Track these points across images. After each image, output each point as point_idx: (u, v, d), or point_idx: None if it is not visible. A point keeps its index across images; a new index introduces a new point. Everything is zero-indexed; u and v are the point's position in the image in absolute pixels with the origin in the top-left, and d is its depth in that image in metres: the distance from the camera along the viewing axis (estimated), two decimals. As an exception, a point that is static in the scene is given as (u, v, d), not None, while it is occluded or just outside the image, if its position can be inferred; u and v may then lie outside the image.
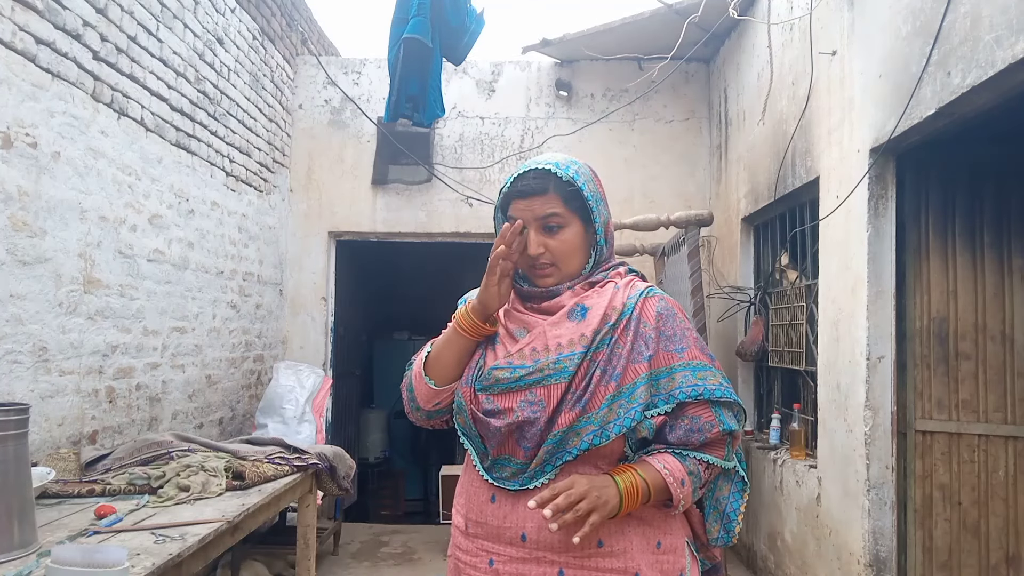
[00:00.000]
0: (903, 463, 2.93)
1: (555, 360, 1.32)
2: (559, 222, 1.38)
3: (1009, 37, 1.98)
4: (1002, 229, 2.92)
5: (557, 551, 1.31)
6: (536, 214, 1.38)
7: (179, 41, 3.73)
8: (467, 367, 1.42)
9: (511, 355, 1.37)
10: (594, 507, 1.21)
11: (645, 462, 1.33)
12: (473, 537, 1.40)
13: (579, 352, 1.32)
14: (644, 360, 1.33)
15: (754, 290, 4.54)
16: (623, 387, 1.31)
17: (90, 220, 3.03)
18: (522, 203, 1.39)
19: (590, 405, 1.30)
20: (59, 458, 2.71)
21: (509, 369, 1.34)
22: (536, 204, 1.37)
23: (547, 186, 1.38)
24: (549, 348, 1.34)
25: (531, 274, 1.43)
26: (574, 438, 1.29)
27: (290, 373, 4.77)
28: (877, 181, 2.89)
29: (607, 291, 1.40)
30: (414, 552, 4.74)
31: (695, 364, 1.35)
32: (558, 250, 1.39)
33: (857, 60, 3.00)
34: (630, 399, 1.31)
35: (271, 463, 2.97)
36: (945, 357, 2.94)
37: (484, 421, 1.34)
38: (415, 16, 4.12)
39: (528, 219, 1.38)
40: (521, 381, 1.33)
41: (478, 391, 1.37)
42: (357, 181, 5.57)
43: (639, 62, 5.36)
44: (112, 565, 1.55)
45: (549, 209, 1.37)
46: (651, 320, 1.37)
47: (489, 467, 1.37)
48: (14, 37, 2.57)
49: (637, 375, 1.32)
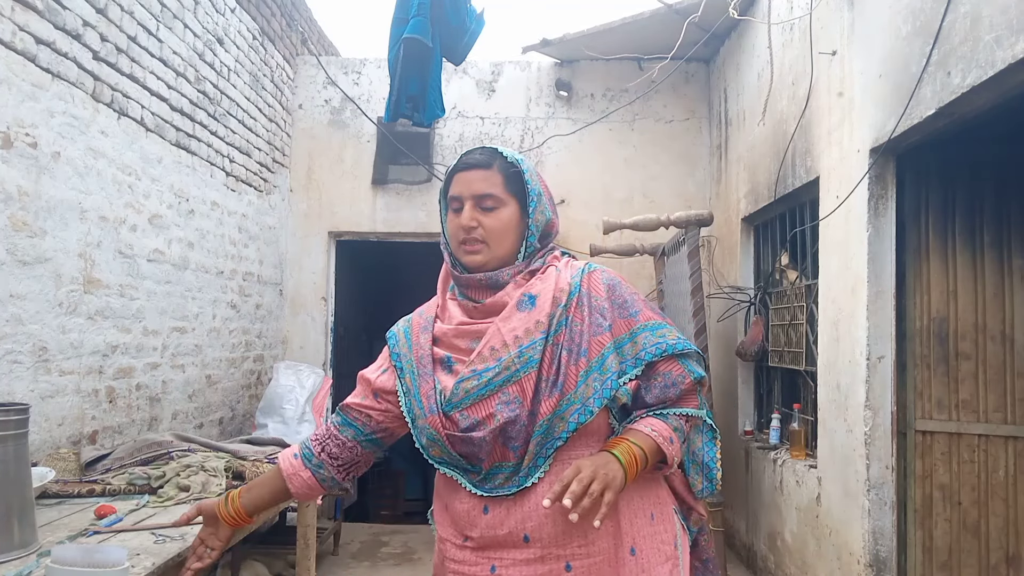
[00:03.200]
0: (903, 463, 2.93)
1: (518, 353, 1.30)
2: (495, 203, 1.38)
3: (1009, 37, 1.98)
4: (1002, 229, 2.92)
5: (561, 544, 1.29)
6: (474, 190, 1.38)
7: (179, 41, 3.73)
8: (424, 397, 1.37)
9: (472, 363, 1.33)
10: (606, 485, 1.19)
11: (632, 430, 1.33)
12: (471, 549, 1.35)
13: (539, 339, 1.31)
14: (606, 331, 1.34)
15: (754, 290, 4.54)
16: (592, 361, 1.31)
17: (90, 220, 3.03)
18: (464, 175, 1.39)
19: (566, 387, 1.29)
20: (59, 458, 2.71)
21: (475, 377, 1.31)
22: (477, 178, 1.38)
23: (491, 161, 1.40)
24: (507, 343, 1.32)
25: (459, 252, 1.41)
26: (559, 423, 1.28)
27: (290, 373, 4.77)
28: (877, 181, 2.89)
29: (550, 275, 1.39)
30: (414, 552, 4.74)
31: (652, 324, 1.37)
32: (490, 227, 1.38)
33: (857, 60, 3.00)
34: (602, 370, 1.31)
35: (271, 463, 2.97)
36: (945, 357, 2.94)
37: (466, 439, 1.30)
38: (415, 16, 4.12)
39: (466, 195, 1.39)
40: (491, 385, 1.30)
41: (449, 413, 1.32)
42: (357, 181, 5.57)
43: (639, 62, 5.36)
44: (112, 565, 1.55)
45: (488, 188, 1.38)
46: (601, 292, 1.37)
47: (481, 481, 1.33)
48: (14, 37, 2.57)
49: (603, 346, 1.32)
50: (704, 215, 3.84)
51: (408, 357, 1.43)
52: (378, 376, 1.49)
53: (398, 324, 1.52)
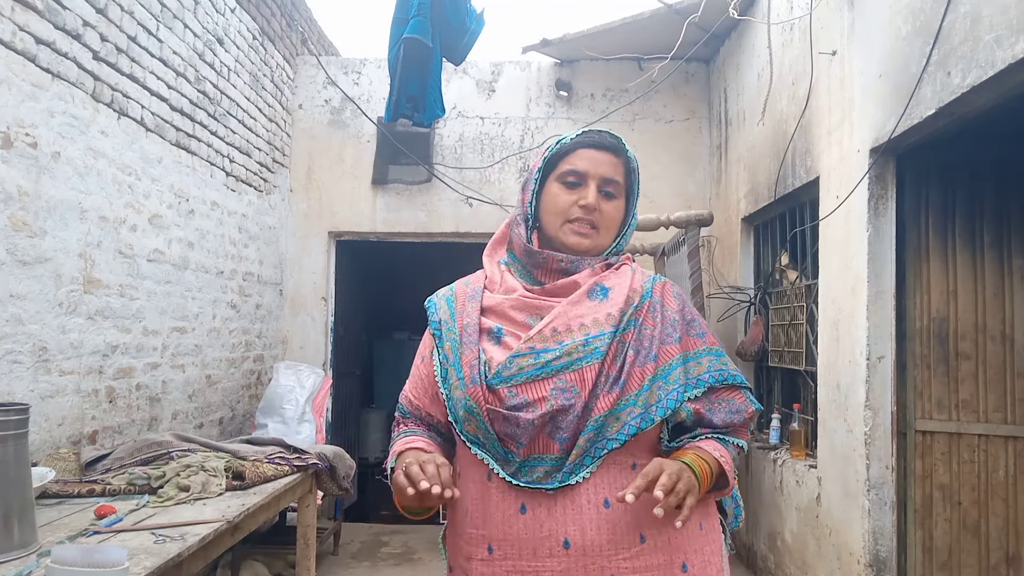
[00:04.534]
0: (903, 463, 2.93)
1: (584, 341, 1.23)
2: (616, 192, 1.33)
3: (1009, 37, 1.98)
4: (1002, 229, 2.92)
5: (607, 554, 1.19)
6: (602, 172, 1.31)
7: (179, 41, 3.73)
8: (465, 366, 1.26)
9: (531, 340, 1.24)
10: (689, 488, 1.12)
11: (700, 448, 1.26)
12: (500, 560, 1.22)
13: (608, 332, 1.24)
14: (675, 342, 1.28)
15: (754, 290, 4.54)
16: (660, 368, 1.25)
17: (90, 220, 3.02)
18: (592, 153, 1.32)
19: (628, 387, 1.21)
20: (59, 458, 2.71)
21: (532, 355, 1.22)
22: (607, 161, 1.32)
23: (621, 149, 1.34)
24: (572, 329, 1.25)
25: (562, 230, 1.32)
26: (614, 423, 1.20)
27: (290, 373, 4.77)
28: (877, 181, 2.89)
29: (625, 272, 1.34)
30: (414, 552, 4.74)
31: (715, 350, 1.33)
32: (607, 215, 1.32)
33: (857, 60, 3.00)
34: (668, 380, 1.24)
35: (271, 463, 2.97)
36: (945, 357, 2.94)
37: (510, 418, 1.20)
38: (415, 16, 4.12)
39: (592, 173, 1.31)
40: (548, 367, 1.21)
41: (495, 386, 1.22)
42: (357, 181, 5.57)
43: (639, 62, 5.36)
44: (112, 565, 1.55)
45: (615, 174, 1.32)
46: (673, 305, 1.33)
47: (515, 472, 1.22)
48: (14, 37, 2.57)
49: (671, 356, 1.26)
50: (704, 215, 3.84)
51: (450, 325, 1.34)
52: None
53: (438, 293, 1.44)
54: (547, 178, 1.35)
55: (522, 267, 1.36)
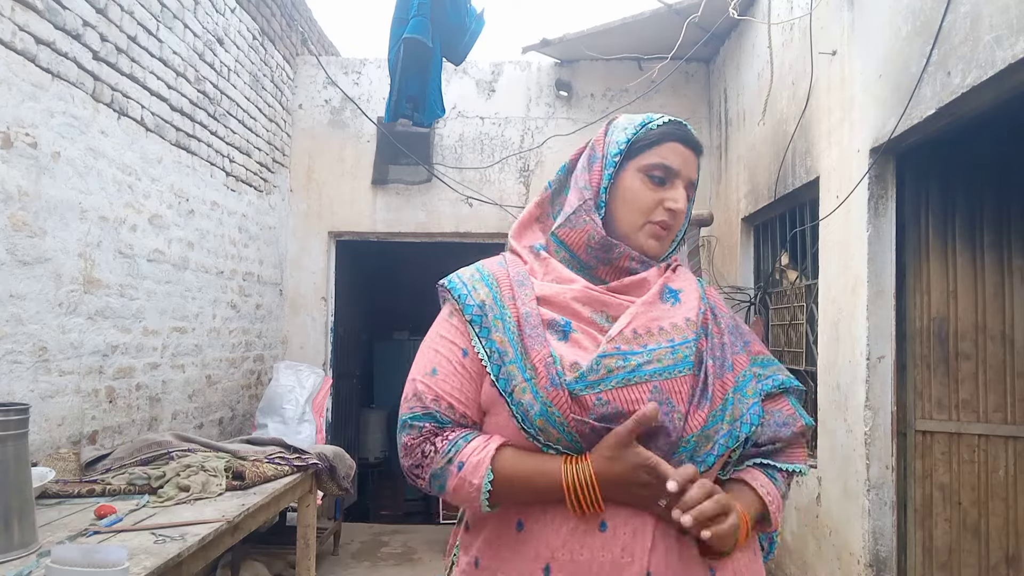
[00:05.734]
0: (903, 463, 2.93)
1: (670, 348, 1.07)
2: (692, 195, 1.21)
3: (1009, 37, 1.98)
4: (1002, 229, 2.92)
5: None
6: (690, 174, 1.18)
7: (179, 41, 3.73)
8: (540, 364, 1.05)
9: (614, 339, 1.07)
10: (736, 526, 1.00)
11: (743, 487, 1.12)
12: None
13: (692, 339, 1.09)
14: (741, 351, 1.16)
15: (754, 290, 4.54)
16: (738, 378, 1.12)
17: (90, 220, 3.02)
18: (683, 150, 1.17)
19: (714, 401, 1.07)
20: (59, 458, 2.71)
21: (621, 357, 1.05)
22: (693, 161, 1.19)
23: (702, 148, 1.22)
24: (653, 332, 1.09)
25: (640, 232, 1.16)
26: (704, 443, 1.05)
27: (290, 373, 4.77)
28: (877, 181, 2.89)
29: (686, 274, 1.22)
30: (414, 552, 4.74)
31: (767, 357, 1.23)
32: (681, 219, 1.18)
33: (857, 60, 3.00)
34: (745, 393, 1.11)
35: (271, 463, 2.97)
36: (945, 357, 2.94)
37: (601, 431, 1.03)
38: (415, 16, 4.12)
39: (683, 174, 1.17)
40: (640, 371, 1.04)
41: (579, 391, 1.03)
42: (357, 181, 5.57)
43: (639, 62, 5.36)
44: (112, 565, 1.55)
45: (696, 177, 1.20)
46: (725, 310, 1.21)
47: None
48: (14, 37, 2.57)
49: (743, 366, 1.14)
50: (704, 215, 3.85)
51: (498, 312, 1.11)
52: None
53: (464, 273, 1.20)
54: (623, 165, 1.18)
55: (576, 260, 1.18)
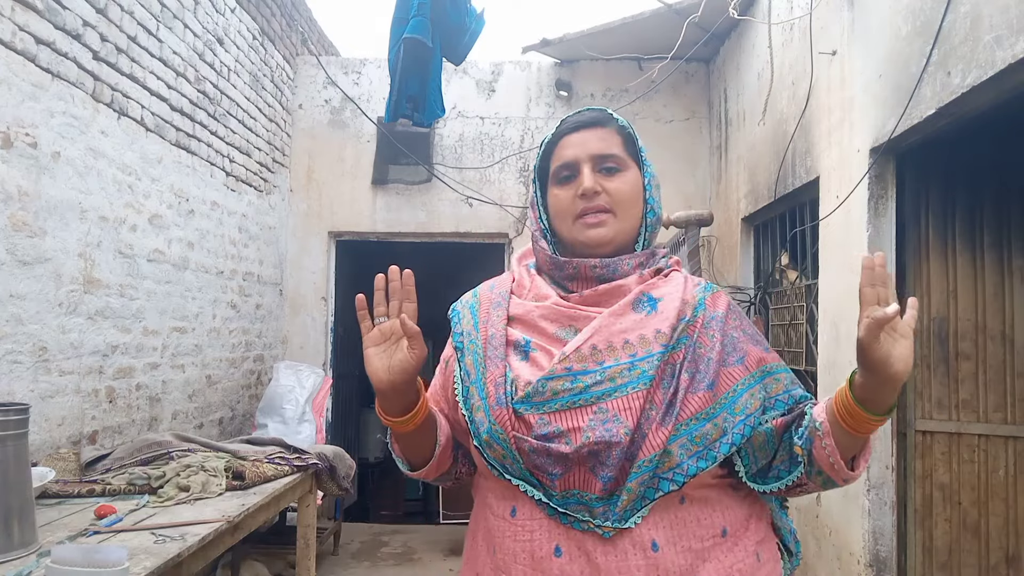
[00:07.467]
0: (903, 463, 2.93)
1: (629, 365, 1.04)
2: (619, 164, 1.15)
3: (1009, 37, 1.98)
4: (1002, 229, 2.92)
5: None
6: (592, 150, 1.15)
7: (179, 41, 3.74)
8: (490, 384, 1.08)
9: (567, 358, 1.06)
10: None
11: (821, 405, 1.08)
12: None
13: (657, 352, 1.05)
14: (737, 363, 1.09)
15: (754, 290, 4.54)
16: (721, 397, 1.06)
17: (90, 220, 3.03)
18: (576, 136, 1.16)
19: (681, 418, 1.02)
20: (59, 458, 2.71)
21: (569, 378, 1.04)
22: (594, 137, 1.16)
23: (607, 120, 1.18)
24: (615, 347, 1.06)
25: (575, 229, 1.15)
26: (667, 459, 1.01)
27: (290, 373, 4.77)
28: (877, 181, 2.89)
29: (676, 280, 1.16)
30: (414, 552, 4.74)
31: (783, 367, 1.16)
32: (617, 192, 1.14)
33: (857, 60, 3.00)
34: (733, 411, 1.05)
35: (271, 463, 2.97)
36: (945, 357, 2.94)
37: (540, 449, 1.02)
38: (415, 16, 4.12)
39: (582, 156, 1.15)
40: (587, 393, 1.03)
41: (522, 412, 1.04)
42: (357, 181, 5.57)
43: (639, 62, 5.37)
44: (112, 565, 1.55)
45: (609, 148, 1.15)
46: (730, 319, 1.14)
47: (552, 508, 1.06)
48: (14, 37, 2.57)
49: (735, 381, 1.08)
50: (704, 215, 3.84)
51: (473, 336, 1.16)
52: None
53: (463, 299, 1.27)
54: (547, 185, 1.21)
55: (560, 279, 1.19)
